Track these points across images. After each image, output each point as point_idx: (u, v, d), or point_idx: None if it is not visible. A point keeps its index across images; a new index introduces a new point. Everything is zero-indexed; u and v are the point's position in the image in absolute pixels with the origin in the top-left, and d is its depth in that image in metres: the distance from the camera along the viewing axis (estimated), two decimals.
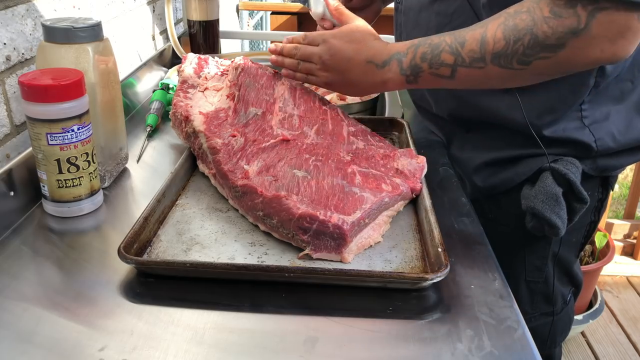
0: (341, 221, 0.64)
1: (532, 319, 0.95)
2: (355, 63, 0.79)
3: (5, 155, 0.79)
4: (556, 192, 0.79)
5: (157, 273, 0.63)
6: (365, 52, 0.79)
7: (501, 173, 0.87)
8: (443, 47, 0.72)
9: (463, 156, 0.93)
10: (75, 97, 0.69)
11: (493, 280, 0.64)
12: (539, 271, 0.91)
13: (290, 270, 0.61)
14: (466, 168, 0.92)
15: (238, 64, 0.90)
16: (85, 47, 0.75)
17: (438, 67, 0.73)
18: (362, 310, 0.59)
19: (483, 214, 0.84)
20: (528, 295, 0.93)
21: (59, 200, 0.73)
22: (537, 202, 0.79)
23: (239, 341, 0.54)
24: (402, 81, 0.77)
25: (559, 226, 0.79)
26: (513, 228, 0.88)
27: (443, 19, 0.84)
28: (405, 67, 0.76)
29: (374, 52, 0.79)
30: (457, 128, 0.94)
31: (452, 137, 0.96)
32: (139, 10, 1.27)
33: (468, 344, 0.54)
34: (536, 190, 0.80)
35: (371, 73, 0.78)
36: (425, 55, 0.74)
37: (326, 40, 0.81)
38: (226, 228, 0.71)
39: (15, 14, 0.80)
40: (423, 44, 0.75)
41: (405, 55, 0.76)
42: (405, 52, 0.76)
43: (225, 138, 0.79)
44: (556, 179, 0.79)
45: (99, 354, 0.52)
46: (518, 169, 0.85)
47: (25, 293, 0.60)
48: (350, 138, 0.84)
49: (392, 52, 0.77)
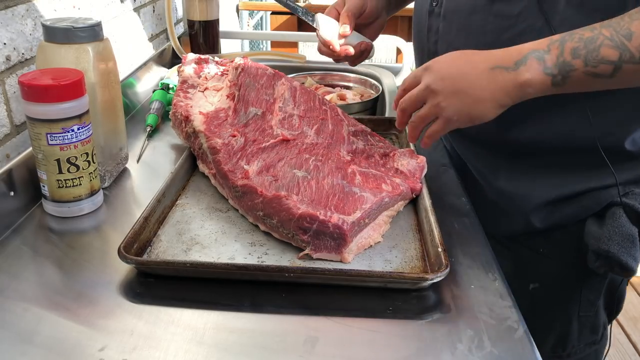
0: (341, 221, 0.64)
1: (578, 351, 0.87)
2: (476, 75, 0.66)
3: (5, 155, 0.79)
4: (632, 233, 0.71)
5: (157, 273, 0.63)
6: (483, 60, 0.66)
7: (563, 210, 0.78)
8: (601, 40, 0.61)
9: (517, 192, 0.81)
10: (75, 97, 0.69)
11: (493, 280, 0.64)
12: (591, 305, 0.84)
13: (290, 270, 0.61)
14: (520, 205, 0.81)
15: (238, 64, 0.90)
16: (85, 47, 0.75)
17: (596, 65, 0.61)
18: (362, 310, 0.59)
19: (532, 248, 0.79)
20: (577, 329, 0.86)
21: (59, 200, 0.73)
22: (612, 244, 0.71)
23: (239, 341, 0.54)
24: (546, 83, 0.63)
25: (634, 269, 0.72)
26: (568, 264, 0.80)
27: (504, 22, 0.73)
28: (551, 65, 0.62)
29: (497, 57, 0.66)
30: (504, 154, 0.82)
31: (497, 167, 0.83)
32: (139, 10, 1.27)
33: (468, 344, 0.54)
34: (609, 230, 0.72)
35: (501, 79, 0.64)
36: (578, 51, 0.62)
37: (427, 68, 0.69)
38: (226, 228, 0.71)
39: (15, 14, 0.80)
40: (569, 39, 0.63)
41: (547, 52, 0.63)
42: (547, 48, 0.63)
43: (225, 138, 0.79)
44: (630, 216, 0.72)
45: (99, 354, 0.52)
46: (583, 202, 0.76)
47: (26, 293, 0.60)
48: (350, 138, 0.84)
49: (526, 51, 0.64)
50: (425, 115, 0.70)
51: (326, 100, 0.91)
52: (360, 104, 1.14)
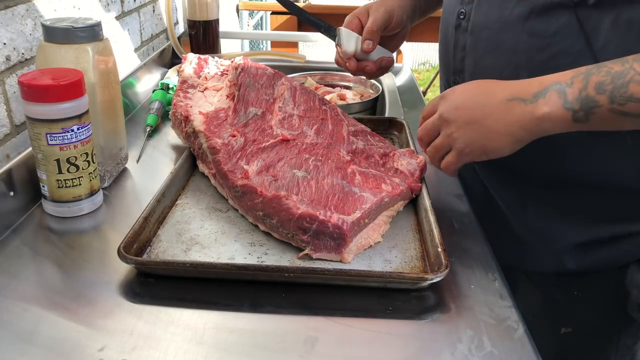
0: (341, 221, 0.64)
1: None
2: (492, 106, 0.61)
3: (5, 155, 0.79)
4: None
5: (156, 273, 0.63)
6: (502, 90, 0.61)
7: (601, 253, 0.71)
8: (631, 76, 0.54)
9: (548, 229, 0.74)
10: (75, 97, 0.69)
11: (493, 280, 0.64)
12: (629, 349, 0.77)
13: (290, 270, 0.61)
14: (551, 244, 0.75)
15: (238, 64, 0.90)
16: (85, 47, 0.75)
17: (624, 103, 0.55)
18: (362, 310, 0.59)
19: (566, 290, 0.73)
20: None
21: (59, 200, 0.73)
22: None
23: (239, 341, 0.54)
24: (566, 118, 0.57)
25: None
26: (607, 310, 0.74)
27: (538, 42, 0.65)
28: (572, 99, 0.57)
29: (516, 88, 0.61)
30: (534, 185, 0.74)
31: (526, 198, 0.76)
32: (139, 10, 1.27)
33: (468, 344, 0.54)
34: None
35: (518, 111, 0.59)
36: (603, 86, 0.56)
37: (444, 97, 0.66)
38: (226, 228, 0.71)
39: (15, 14, 0.80)
40: (596, 72, 0.57)
41: (569, 86, 0.57)
42: (570, 81, 0.57)
43: (225, 138, 0.79)
44: None
45: (98, 354, 0.52)
46: (624, 247, 0.70)
47: (25, 293, 0.60)
48: (350, 138, 0.84)
49: (547, 83, 0.59)
50: (439, 145, 0.67)
51: (326, 100, 0.91)
52: (360, 104, 1.14)
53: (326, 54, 1.42)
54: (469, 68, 0.75)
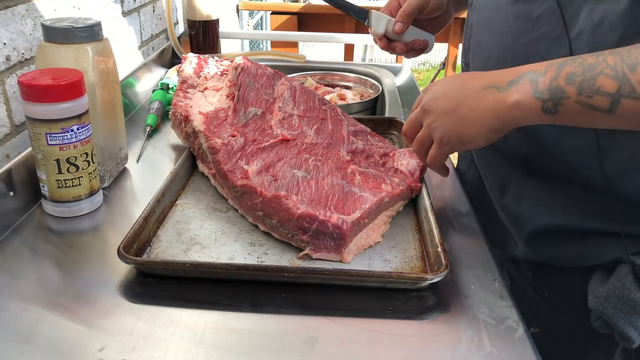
0: (341, 221, 0.64)
1: None
2: (468, 94, 0.62)
3: (5, 155, 0.79)
4: (635, 299, 0.63)
5: (156, 273, 0.63)
6: (479, 79, 0.62)
7: (565, 246, 0.71)
8: (601, 68, 0.53)
9: (519, 210, 0.74)
10: (75, 97, 0.69)
11: (493, 280, 0.64)
12: None
13: (289, 270, 0.60)
14: (520, 227, 0.75)
15: (238, 64, 0.90)
16: (85, 47, 0.75)
17: (591, 95, 0.54)
18: (362, 310, 0.59)
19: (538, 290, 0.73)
20: None
21: (59, 200, 0.73)
22: (609, 306, 0.64)
23: (239, 341, 0.54)
24: (536, 108, 0.57)
25: (634, 339, 0.64)
26: (573, 317, 0.72)
27: (523, 25, 0.66)
28: (542, 88, 0.56)
29: (492, 77, 0.61)
30: (516, 170, 0.75)
31: (507, 182, 0.76)
32: (139, 10, 1.27)
33: (468, 344, 0.54)
34: (609, 290, 0.65)
35: (491, 98, 0.60)
36: (573, 77, 0.55)
37: (426, 90, 0.68)
38: (226, 228, 0.71)
39: (15, 14, 0.80)
40: (570, 63, 0.56)
41: (542, 75, 0.57)
42: (544, 70, 0.57)
43: (224, 138, 0.79)
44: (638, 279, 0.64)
45: (98, 354, 0.52)
46: (587, 249, 0.69)
47: (25, 293, 0.60)
48: (350, 138, 0.84)
49: (522, 71, 0.59)
50: (421, 137, 0.68)
51: (326, 100, 0.91)
52: (360, 104, 1.14)
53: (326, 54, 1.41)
54: (472, 46, 0.76)
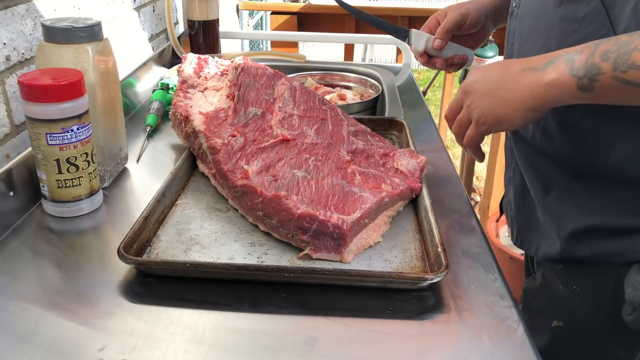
0: (341, 221, 0.64)
1: None
2: (507, 76, 0.65)
3: (5, 155, 0.79)
4: None
5: (156, 273, 0.63)
6: (518, 63, 0.65)
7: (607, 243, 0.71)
8: (636, 44, 0.55)
9: (562, 209, 0.74)
10: (75, 97, 0.69)
11: (493, 280, 0.64)
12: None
13: (289, 270, 0.60)
14: (562, 226, 0.74)
15: (238, 64, 0.90)
16: (85, 47, 0.75)
17: (626, 70, 0.56)
18: (362, 310, 0.59)
19: (565, 282, 0.73)
20: None
21: (59, 200, 0.73)
22: None
23: (239, 341, 0.54)
24: (571, 85, 0.59)
25: None
26: (600, 310, 0.72)
27: (568, 26, 0.68)
28: (578, 66, 0.58)
29: (531, 60, 0.64)
30: (561, 172, 0.74)
31: (551, 184, 0.76)
32: (139, 10, 1.27)
33: (468, 344, 0.54)
34: None
35: (528, 78, 0.62)
36: (608, 54, 0.57)
37: (467, 76, 0.70)
38: (226, 228, 0.71)
39: (15, 14, 0.80)
40: (606, 42, 0.58)
41: (579, 54, 0.59)
42: (580, 50, 0.59)
43: (225, 138, 0.79)
44: None
45: (98, 354, 0.52)
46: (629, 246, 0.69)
47: (25, 293, 0.60)
48: (350, 138, 0.84)
49: (560, 53, 0.61)
50: (461, 118, 0.70)
51: (326, 100, 0.91)
52: (360, 104, 1.14)
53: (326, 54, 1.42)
54: (515, 53, 0.78)
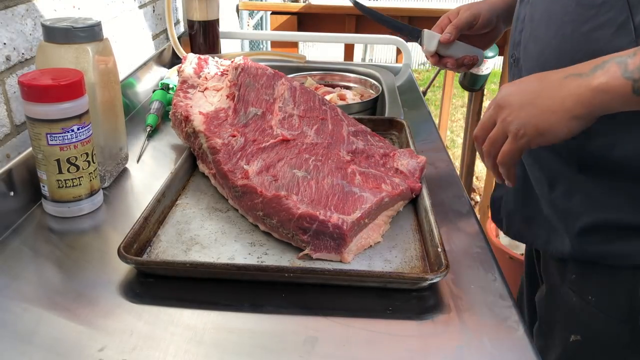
0: (341, 221, 0.64)
1: None
2: (547, 84, 0.60)
3: (5, 155, 0.79)
4: None
5: (157, 273, 0.63)
6: (557, 72, 0.60)
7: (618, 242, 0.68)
8: None
9: (570, 205, 0.72)
10: (75, 97, 0.69)
11: (493, 280, 0.64)
12: None
13: (290, 271, 0.61)
14: (570, 223, 0.72)
15: (238, 64, 0.90)
16: (85, 47, 0.75)
17: None
18: (362, 310, 0.59)
19: (580, 294, 0.71)
20: None
21: (59, 201, 0.73)
22: None
23: (239, 341, 0.54)
24: (625, 89, 0.55)
25: None
26: (618, 320, 0.70)
27: (585, 12, 0.64)
28: (633, 68, 0.54)
29: (572, 68, 0.59)
30: (566, 166, 0.72)
31: (557, 178, 0.73)
32: (139, 10, 1.27)
33: (468, 344, 0.54)
34: None
35: (573, 85, 0.58)
36: None
37: (499, 91, 0.65)
38: (226, 228, 0.71)
39: (15, 14, 0.80)
40: None
41: (631, 57, 0.55)
42: (632, 53, 0.55)
43: (225, 138, 0.79)
44: None
45: (98, 354, 0.52)
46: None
47: (25, 293, 0.60)
48: (350, 138, 0.84)
49: (607, 57, 0.57)
50: (494, 135, 0.64)
51: (326, 100, 0.91)
52: (360, 104, 1.14)
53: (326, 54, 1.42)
54: (524, 40, 0.75)
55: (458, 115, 4.47)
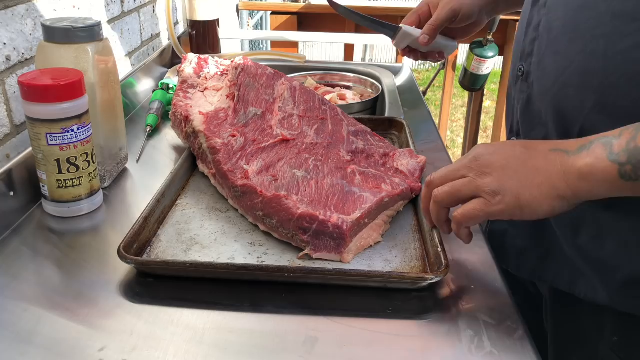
0: (341, 221, 0.64)
1: None
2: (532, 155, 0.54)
3: (5, 155, 0.79)
4: None
5: (156, 273, 0.63)
6: (543, 143, 0.55)
7: None
8: None
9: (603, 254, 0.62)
10: (75, 97, 0.69)
11: (493, 280, 0.64)
12: None
13: (290, 270, 0.60)
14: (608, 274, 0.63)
15: (238, 64, 0.90)
16: (85, 47, 0.75)
17: None
18: (362, 310, 0.59)
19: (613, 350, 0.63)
20: None
21: (59, 201, 0.73)
22: None
23: (239, 341, 0.54)
24: (610, 172, 0.50)
25: None
26: None
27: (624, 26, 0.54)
28: (618, 150, 0.49)
29: (558, 142, 0.54)
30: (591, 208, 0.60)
31: (581, 218, 0.64)
32: (139, 10, 1.27)
33: (468, 344, 0.54)
34: None
35: (559, 161, 0.52)
36: None
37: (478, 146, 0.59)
38: (226, 228, 0.71)
39: (15, 14, 0.80)
40: None
41: (617, 138, 0.50)
42: (618, 134, 0.50)
43: (225, 138, 0.79)
44: None
45: (98, 354, 0.52)
46: None
47: (25, 293, 0.60)
48: (350, 138, 0.84)
49: (593, 137, 0.52)
50: (460, 187, 0.57)
51: (326, 100, 0.91)
52: (360, 104, 1.14)
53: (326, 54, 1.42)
54: (538, 52, 0.65)
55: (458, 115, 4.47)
